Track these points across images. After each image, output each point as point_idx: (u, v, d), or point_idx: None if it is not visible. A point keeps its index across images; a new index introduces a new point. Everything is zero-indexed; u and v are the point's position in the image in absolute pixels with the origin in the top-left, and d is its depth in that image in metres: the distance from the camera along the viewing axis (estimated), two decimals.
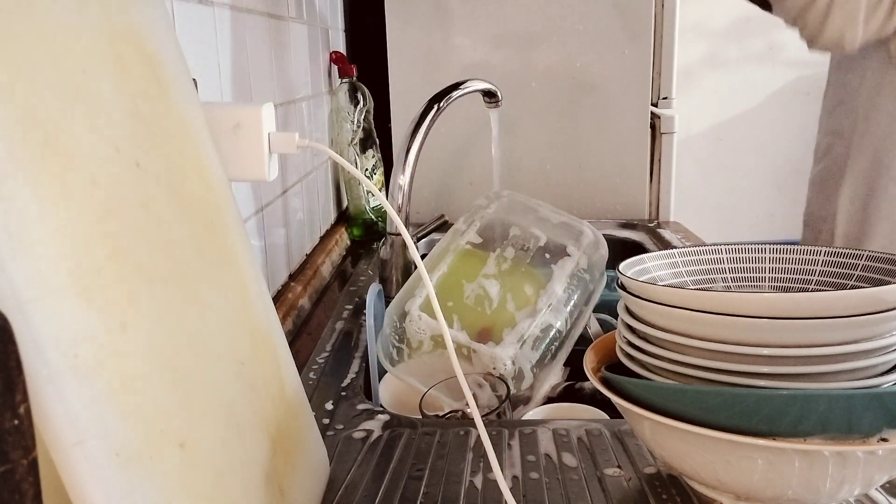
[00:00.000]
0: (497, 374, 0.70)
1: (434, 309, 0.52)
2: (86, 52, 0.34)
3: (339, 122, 1.30)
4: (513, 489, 0.52)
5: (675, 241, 1.27)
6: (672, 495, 0.52)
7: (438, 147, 1.36)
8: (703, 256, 0.56)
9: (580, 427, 0.61)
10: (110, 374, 0.29)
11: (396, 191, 0.91)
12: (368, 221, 1.32)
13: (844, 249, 0.52)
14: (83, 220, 0.30)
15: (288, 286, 0.95)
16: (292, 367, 0.51)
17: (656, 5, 1.35)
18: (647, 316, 0.47)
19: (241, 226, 0.48)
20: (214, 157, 0.47)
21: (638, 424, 0.48)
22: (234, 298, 0.43)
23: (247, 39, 0.83)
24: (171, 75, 0.43)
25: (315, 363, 0.77)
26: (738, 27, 2.81)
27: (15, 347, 0.23)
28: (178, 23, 0.63)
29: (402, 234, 0.64)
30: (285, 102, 0.99)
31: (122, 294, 0.31)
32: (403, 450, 0.58)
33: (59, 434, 0.26)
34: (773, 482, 0.44)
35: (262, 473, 0.41)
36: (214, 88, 0.72)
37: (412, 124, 0.92)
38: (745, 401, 0.42)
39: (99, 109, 0.34)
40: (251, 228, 0.82)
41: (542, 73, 1.37)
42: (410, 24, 1.36)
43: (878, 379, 0.44)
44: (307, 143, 0.55)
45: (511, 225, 0.85)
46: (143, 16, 0.41)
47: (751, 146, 2.95)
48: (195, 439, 0.34)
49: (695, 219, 1.56)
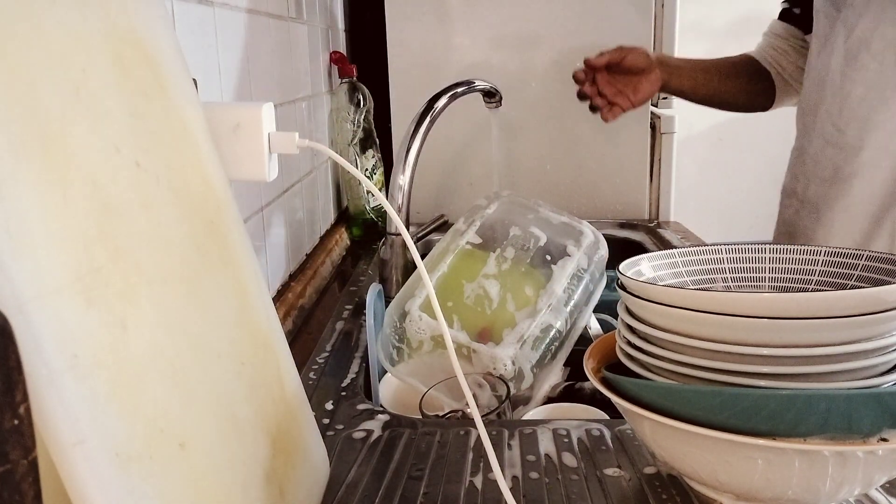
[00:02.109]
0: (497, 375, 0.70)
1: (434, 309, 0.52)
2: (86, 52, 0.34)
3: (339, 122, 1.30)
4: (513, 489, 0.52)
5: (675, 241, 1.27)
6: (672, 495, 0.51)
7: (438, 147, 1.36)
8: (703, 256, 0.56)
9: (580, 427, 0.61)
10: (110, 374, 0.29)
11: (396, 191, 0.91)
12: (368, 221, 1.32)
13: (844, 249, 0.52)
14: (83, 220, 0.30)
15: (288, 286, 0.95)
16: (292, 367, 0.51)
17: (656, 5, 1.35)
18: (648, 316, 0.47)
19: (241, 226, 0.48)
20: (214, 157, 0.47)
21: (638, 424, 0.48)
22: (234, 298, 0.43)
23: (247, 39, 0.83)
24: (171, 75, 0.43)
25: (315, 363, 0.77)
26: (738, 27, 2.81)
27: (15, 347, 0.23)
28: (178, 23, 0.62)
29: (402, 234, 0.64)
30: (285, 102, 0.99)
31: (122, 294, 0.31)
32: (403, 450, 0.58)
33: (59, 434, 0.26)
34: (773, 482, 0.44)
35: (262, 473, 0.41)
36: (214, 88, 0.72)
37: (412, 124, 0.92)
38: (745, 401, 0.42)
39: (99, 109, 0.34)
40: (251, 228, 0.82)
41: (542, 73, 1.37)
42: (410, 24, 1.36)
43: (878, 379, 0.44)
44: (307, 143, 0.55)
45: (511, 225, 0.85)
46: (143, 16, 0.41)
47: (751, 146, 2.95)
48: (195, 439, 0.34)
49: (695, 219, 1.56)
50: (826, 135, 0.99)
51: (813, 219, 1.01)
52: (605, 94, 1.17)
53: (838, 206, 0.97)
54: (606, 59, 1.14)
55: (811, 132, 1.02)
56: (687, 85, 1.20)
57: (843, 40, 0.95)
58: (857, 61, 0.94)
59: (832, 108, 0.97)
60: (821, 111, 0.99)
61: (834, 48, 0.96)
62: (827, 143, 0.99)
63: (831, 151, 0.98)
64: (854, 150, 0.95)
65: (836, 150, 0.97)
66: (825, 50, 0.99)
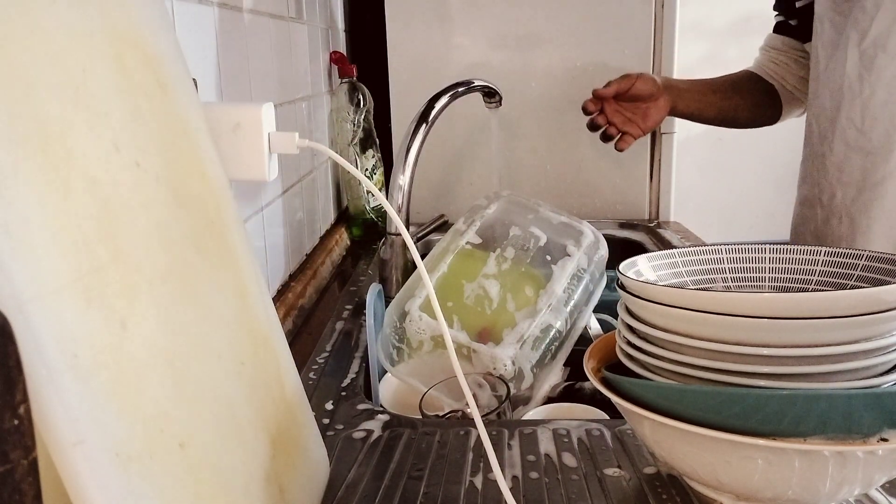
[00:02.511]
0: (497, 375, 0.70)
1: (434, 309, 0.52)
2: (86, 52, 0.34)
3: (339, 122, 1.30)
4: (513, 489, 0.52)
5: (675, 241, 1.27)
6: (672, 495, 0.51)
7: (438, 147, 1.36)
8: (703, 256, 0.56)
9: (580, 427, 0.61)
10: (110, 374, 0.29)
11: (396, 191, 0.91)
12: (368, 221, 1.32)
13: (844, 249, 0.52)
14: (83, 220, 0.30)
15: (288, 286, 0.95)
16: (292, 367, 0.51)
17: (656, 5, 1.35)
18: (648, 316, 0.47)
19: (241, 226, 0.48)
20: (214, 157, 0.47)
21: (638, 424, 0.48)
22: (234, 298, 0.43)
23: (247, 39, 0.83)
24: (171, 75, 0.43)
25: (315, 363, 0.77)
26: (738, 27, 2.81)
27: (15, 347, 0.23)
28: (178, 23, 0.62)
29: (402, 234, 0.64)
30: (285, 102, 0.99)
31: (122, 294, 0.31)
32: (403, 450, 0.58)
33: (59, 434, 0.26)
34: (773, 482, 0.44)
35: (262, 473, 0.41)
36: (214, 88, 0.72)
37: (412, 124, 0.92)
38: (745, 401, 0.42)
39: (99, 109, 0.34)
40: (251, 228, 0.82)
41: (542, 73, 1.37)
42: (410, 24, 1.36)
43: (878, 379, 0.44)
44: (307, 143, 0.55)
45: (511, 225, 0.85)
46: (143, 16, 0.41)
47: (751, 146, 2.95)
48: (195, 439, 0.34)
49: (695, 219, 1.56)
50: (850, 141, 0.98)
51: (847, 227, 1.00)
52: (614, 123, 1.18)
53: (874, 213, 0.96)
54: (615, 89, 1.15)
55: (831, 140, 1.01)
56: (694, 107, 1.21)
57: (857, 44, 0.94)
58: (874, 64, 0.93)
59: (853, 114, 0.96)
60: (841, 118, 0.98)
61: (847, 54, 0.96)
62: (851, 150, 0.98)
63: (857, 157, 0.97)
64: (883, 154, 0.94)
65: (863, 155, 0.96)
66: (836, 57, 0.98)
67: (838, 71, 0.98)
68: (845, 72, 0.96)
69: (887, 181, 0.95)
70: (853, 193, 0.99)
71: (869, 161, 0.96)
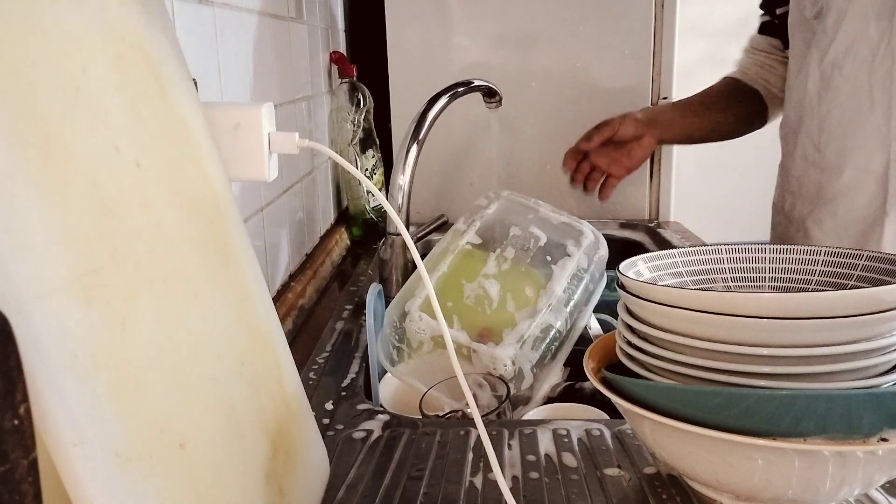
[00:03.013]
0: (497, 375, 0.70)
1: (434, 309, 0.52)
2: (86, 52, 0.34)
3: (339, 122, 1.30)
4: (513, 489, 0.52)
5: (675, 241, 1.27)
6: (672, 495, 0.51)
7: (438, 147, 1.36)
8: (703, 256, 0.56)
9: (580, 427, 0.61)
10: (110, 374, 0.29)
11: (396, 191, 0.91)
12: (368, 221, 1.32)
13: (844, 249, 0.52)
14: (83, 220, 0.30)
15: (288, 286, 0.95)
16: (292, 367, 0.51)
17: (656, 5, 1.35)
18: (648, 316, 0.47)
19: (241, 226, 0.48)
20: (214, 157, 0.47)
21: (638, 424, 0.48)
22: (234, 298, 0.43)
23: (247, 39, 0.83)
24: (171, 75, 0.43)
25: (315, 363, 0.77)
26: (738, 27, 2.81)
27: (15, 347, 0.23)
28: (178, 23, 0.62)
29: (402, 234, 0.64)
30: (285, 102, 0.99)
31: (122, 294, 0.31)
32: (403, 450, 0.58)
33: (59, 434, 0.26)
34: (773, 482, 0.44)
35: (262, 473, 0.41)
36: (214, 88, 0.72)
37: (412, 124, 0.92)
38: (745, 401, 0.42)
39: (99, 109, 0.34)
40: (251, 228, 0.82)
41: (542, 73, 1.37)
42: (410, 23, 1.36)
43: (878, 379, 0.44)
44: (307, 143, 0.55)
45: (511, 225, 0.85)
46: (142, 16, 0.41)
47: (751, 146, 2.95)
48: (195, 439, 0.34)
49: (695, 219, 1.56)
50: (808, 156, 1.00)
51: (802, 238, 1.02)
52: (599, 165, 1.22)
53: (826, 228, 0.98)
54: (598, 142, 1.19)
55: (794, 153, 1.03)
56: (681, 135, 1.24)
57: (818, 63, 0.96)
58: (830, 84, 0.94)
59: (811, 130, 0.98)
60: (801, 133, 1.00)
61: (810, 71, 0.97)
62: (809, 164, 1.00)
63: (814, 172, 0.99)
64: (835, 172, 0.96)
65: (818, 170, 0.98)
66: (802, 72, 1.00)
67: (802, 85, 0.99)
68: (807, 87, 0.98)
69: (838, 199, 0.96)
70: (809, 207, 1.01)
71: (824, 177, 0.98)
